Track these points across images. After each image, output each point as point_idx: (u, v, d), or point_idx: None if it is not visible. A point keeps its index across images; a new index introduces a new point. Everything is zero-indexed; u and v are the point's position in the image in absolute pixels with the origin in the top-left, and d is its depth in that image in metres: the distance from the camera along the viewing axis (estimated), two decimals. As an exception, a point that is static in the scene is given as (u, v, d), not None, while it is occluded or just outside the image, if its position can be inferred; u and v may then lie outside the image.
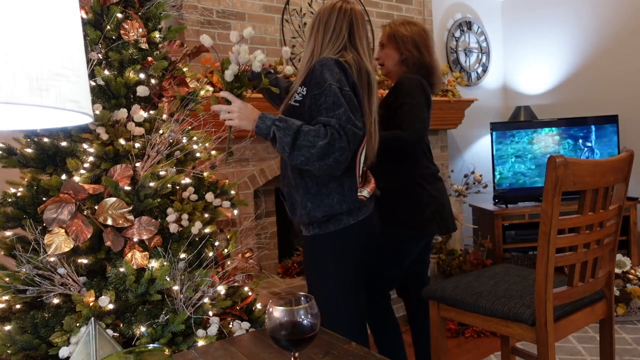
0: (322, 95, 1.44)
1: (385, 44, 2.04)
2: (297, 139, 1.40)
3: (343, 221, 1.55)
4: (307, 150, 1.39)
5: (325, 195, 1.53)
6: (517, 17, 4.35)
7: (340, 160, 1.42)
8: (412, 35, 1.98)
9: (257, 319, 1.65)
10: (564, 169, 1.33)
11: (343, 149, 1.40)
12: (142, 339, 1.36)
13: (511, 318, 1.49)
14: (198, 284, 1.46)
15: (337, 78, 1.45)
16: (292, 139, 1.40)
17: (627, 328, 2.78)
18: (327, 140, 1.38)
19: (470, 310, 1.61)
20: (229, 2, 2.85)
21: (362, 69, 1.56)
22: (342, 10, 1.59)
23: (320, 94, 1.44)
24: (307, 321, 0.83)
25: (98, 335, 1.12)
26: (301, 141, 1.40)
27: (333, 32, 1.58)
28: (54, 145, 1.51)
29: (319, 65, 1.47)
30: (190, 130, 1.70)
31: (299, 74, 1.59)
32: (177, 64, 1.69)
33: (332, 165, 1.41)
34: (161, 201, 1.53)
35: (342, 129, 1.40)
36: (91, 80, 1.49)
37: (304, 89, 1.50)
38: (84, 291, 1.39)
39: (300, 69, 1.61)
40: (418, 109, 1.87)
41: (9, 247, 1.50)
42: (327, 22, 1.59)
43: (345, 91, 1.45)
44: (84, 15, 1.52)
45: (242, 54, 1.48)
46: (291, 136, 1.40)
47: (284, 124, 1.43)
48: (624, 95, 3.72)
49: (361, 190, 1.57)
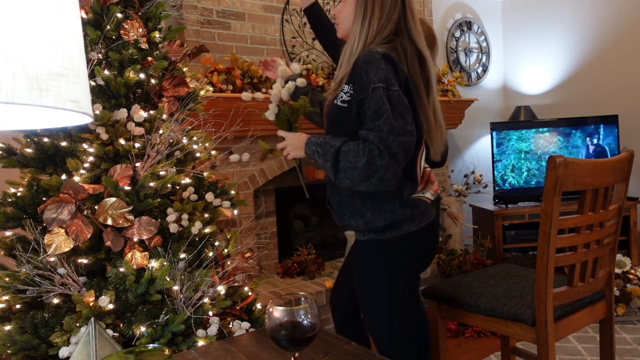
0: (366, 101, 1.27)
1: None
2: (338, 162, 1.29)
3: (403, 227, 1.40)
4: (350, 172, 1.28)
5: (384, 201, 1.38)
6: (517, 17, 4.35)
7: (386, 177, 1.26)
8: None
9: (257, 319, 1.65)
10: (564, 169, 1.33)
11: (386, 167, 1.24)
12: (142, 339, 1.36)
13: (511, 318, 1.49)
14: (198, 284, 1.46)
15: (383, 77, 1.25)
16: (332, 164, 1.30)
17: (627, 328, 2.77)
18: (365, 159, 1.24)
19: (471, 310, 1.61)
20: (229, 2, 2.85)
21: (418, 56, 1.36)
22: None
23: (365, 99, 1.27)
24: (307, 321, 0.83)
25: (98, 335, 1.12)
26: (343, 163, 1.28)
27: (388, 13, 1.35)
28: (54, 145, 1.51)
29: (363, 63, 1.28)
30: (190, 130, 1.70)
31: (342, 66, 1.39)
32: (177, 64, 1.69)
33: (378, 184, 1.27)
34: (161, 201, 1.53)
35: (382, 144, 1.23)
36: (91, 80, 1.49)
37: (350, 89, 1.33)
38: (84, 291, 1.39)
39: (343, 58, 1.39)
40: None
41: (9, 247, 1.50)
42: (383, 1, 1.35)
43: (393, 91, 1.26)
44: (84, 15, 1.52)
45: (274, 91, 1.43)
46: (330, 161, 1.30)
47: (323, 149, 1.33)
48: (624, 95, 3.72)
49: (423, 191, 1.43)
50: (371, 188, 1.29)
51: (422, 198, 1.42)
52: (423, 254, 1.49)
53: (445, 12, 4.11)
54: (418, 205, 1.41)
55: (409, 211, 1.39)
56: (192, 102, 1.67)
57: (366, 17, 1.35)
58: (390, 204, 1.38)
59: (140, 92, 1.60)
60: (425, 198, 1.43)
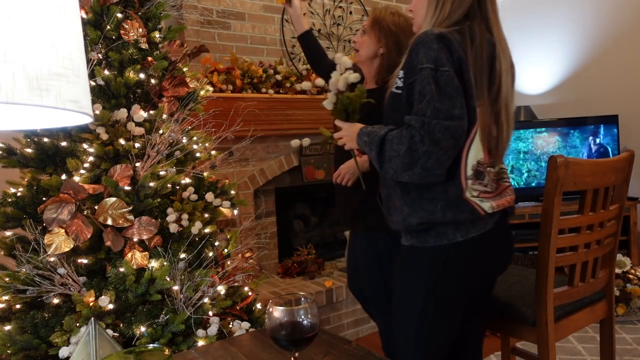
0: (415, 84, 1.16)
1: (367, 31, 1.79)
2: (382, 151, 1.19)
3: (447, 235, 1.21)
4: (393, 161, 1.17)
5: (427, 200, 1.22)
6: (517, 17, 4.35)
7: (429, 166, 1.12)
8: (397, 31, 1.75)
9: (257, 319, 1.65)
10: (564, 169, 1.33)
11: (428, 154, 1.11)
12: (142, 339, 1.36)
13: (512, 318, 1.49)
14: (198, 284, 1.46)
15: (433, 57, 1.14)
16: (377, 153, 1.20)
17: (627, 328, 2.77)
18: (406, 145, 1.13)
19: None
20: (229, 2, 2.85)
21: (485, 39, 1.23)
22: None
23: (414, 82, 1.16)
24: (307, 321, 0.83)
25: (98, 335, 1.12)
26: (387, 152, 1.18)
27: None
28: (54, 145, 1.51)
29: (416, 44, 1.18)
30: (190, 130, 1.70)
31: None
32: (177, 64, 1.69)
33: (421, 174, 1.14)
34: (161, 201, 1.53)
35: (422, 129, 1.11)
36: (91, 80, 1.49)
37: (403, 73, 1.23)
38: (84, 291, 1.39)
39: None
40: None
41: (9, 247, 1.50)
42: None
43: (442, 72, 1.14)
44: (84, 15, 1.52)
45: (333, 79, 1.38)
46: (375, 150, 1.20)
47: (369, 138, 1.24)
48: (624, 95, 3.72)
49: (482, 200, 1.22)
50: (414, 179, 1.17)
51: (474, 205, 1.21)
52: (473, 273, 1.27)
53: (445, 12, 4.10)
54: (463, 210, 1.20)
55: (451, 215, 1.20)
56: (192, 102, 1.67)
57: (439, 3, 1.26)
58: (433, 204, 1.21)
59: (140, 92, 1.60)
60: (478, 206, 1.21)
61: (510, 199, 1.30)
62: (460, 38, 1.19)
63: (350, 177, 1.79)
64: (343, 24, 3.42)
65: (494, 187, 1.27)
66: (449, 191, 1.20)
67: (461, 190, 1.20)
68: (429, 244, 1.24)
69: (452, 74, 1.14)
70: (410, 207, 1.24)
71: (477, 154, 1.21)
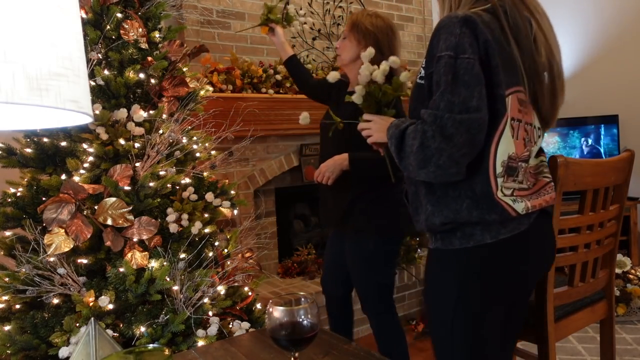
0: (434, 74, 1.07)
1: (347, 36, 1.85)
2: (402, 146, 1.10)
3: (475, 237, 1.09)
4: (409, 158, 1.08)
5: (452, 198, 1.11)
6: (517, 17, 4.34)
7: (442, 164, 1.03)
8: (375, 31, 1.79)
9: (257, 319, 1.65)
10: (564, 169, 1.33)
11: (440, 150, 1.02)
12: (142, 339, 1.36)
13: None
14: (198, 284, 1.46)
15: (454, 43, 1.04)
16: (396, 147, 1.12)
17: (628, 328, 2.77)
18: (418, 142, 1.05)
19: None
20: (229, 2, 2.85)
21: (518, 16, 1.12)
22: None
23: (434, 72, 1.07)
24: (307, 321, 0.83)
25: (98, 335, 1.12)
26: (406, 147, 1.09)
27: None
28: (53, 145, 1.51)
29: (437, 30, 1.09)
30: (190, 130, 1.69)
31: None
32: (177, 64, 1.69)
33: (436, 172, 1.04)
34: (161, 201, 1.53)
35: (434, 123, 1.02)
36: (91, 80, 1.49)
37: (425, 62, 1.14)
38: (84, 291, 1.39)
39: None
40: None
41: (8, 247, 1.50)
42: None
43: (462, 59, 1.03)
44: (84, 15, 1.52)
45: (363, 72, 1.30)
46: (395, 144, 1.12)
47: (391, 132, 1.14)
48: (624, 95, 3.72)
49: (515, 199, 1.09)
50: (430, 177, 1.07)
51: (505, 205, 1.07)
52: (506, 278, 1.12)
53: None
54: (492, 210, 1.07)
55: (478, 214, 1.08)
56: (192, 102, 1.67)
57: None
58: (458, 202, 1.10)
59: (140, 92, 1.60)
60: (509, 207, 1.07)
61: (550, 198, 1.17)
62: (489, 18, 1.07)
63: (331, 175, 1.79)
64: (343, 24, 3.42)
65: (532, 184, 1.14)
66: (476, 189, 1.08)
67: (490, 188, 1.07)
68: (453, 246, 1.11)
69: (473, 61, 1.03)
70: (435, 205, 1.13)
71: (507, 147, 1.08)
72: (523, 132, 1.11)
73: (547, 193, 1.17)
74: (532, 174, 1.16)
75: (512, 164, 1.09)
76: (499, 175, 1.08)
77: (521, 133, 1.11)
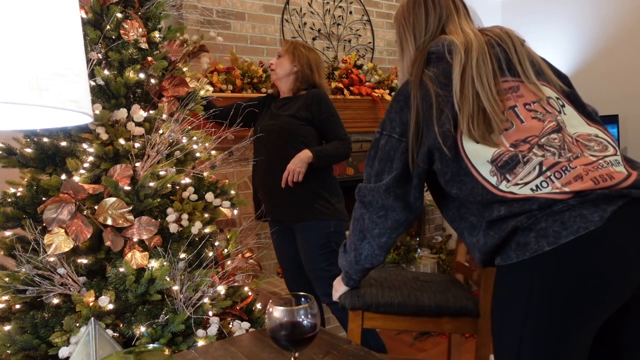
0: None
1: (282, 55, 2.23)
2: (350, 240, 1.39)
3: (529, 246, 0.93)
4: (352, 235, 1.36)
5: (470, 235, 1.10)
6: (517, 17, 4.35)
7: (366, 228, 1.26)
8: (308, 55, 2.22)
9: (257, 319, 1.65)
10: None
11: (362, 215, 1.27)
12: (142, 339, 1.36)
13: (455, 313, 1.50)
14: (198, 284, 1.46)
15: (382, 121, 1.25)
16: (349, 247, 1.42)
17: (627, 328, 2.77)
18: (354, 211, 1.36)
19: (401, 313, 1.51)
20: (229, 2, 2.85)
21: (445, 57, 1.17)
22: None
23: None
24: (307, 321, 0.83)
25: (98, 335, 1.12)
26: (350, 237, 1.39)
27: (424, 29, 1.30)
28: (53, 145, 1.51)
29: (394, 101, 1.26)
30: (190, 130, 1.69)
31: None
32: (177, 64, 1.69)
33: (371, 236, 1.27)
34: (161, 201, 1.53)
35: (358, 193, 1.27)
36: (91, 80, 1.49)
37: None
38: (84, 291, 1.39)
39: None
40: (339, 119, 2.19)
41: (8, 247, 1.50)
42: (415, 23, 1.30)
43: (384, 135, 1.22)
44: (84, 15, 1.52)
45: None
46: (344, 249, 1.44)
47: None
48: (624, 95, 3.72)
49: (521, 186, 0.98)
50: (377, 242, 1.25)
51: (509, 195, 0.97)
52: (583, 287, 0.90)
53: (445, 12, 4.10)
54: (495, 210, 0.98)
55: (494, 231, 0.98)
56: (192, 102, 1.67)
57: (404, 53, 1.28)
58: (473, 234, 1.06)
59: (140, 92, 1.60)
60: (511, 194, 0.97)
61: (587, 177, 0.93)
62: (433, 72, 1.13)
63: (301, 171, 2.04)
64: (343, 24, 3.43)
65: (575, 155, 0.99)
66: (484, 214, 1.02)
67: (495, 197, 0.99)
68: (511, 260, 0.96)
69: (394, 136, 1.16)
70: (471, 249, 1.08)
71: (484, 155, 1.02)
72: (525, 112, 1.07)
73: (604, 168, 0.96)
74: (580, 143, 1.03)
75: (502, 161, 1.00)
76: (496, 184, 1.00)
77: (524, 114, 1.07)
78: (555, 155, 1.00)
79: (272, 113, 2.24)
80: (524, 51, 1.17)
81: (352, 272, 1.35)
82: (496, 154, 1.01)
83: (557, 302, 0.92)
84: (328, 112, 2.14)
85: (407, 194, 1.17)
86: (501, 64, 1.13)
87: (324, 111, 2.13)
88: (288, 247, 2.28)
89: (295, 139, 2.12)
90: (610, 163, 0.99)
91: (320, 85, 2.24)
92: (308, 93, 2.16)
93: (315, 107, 2.12)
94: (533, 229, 0.93)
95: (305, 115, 2.12)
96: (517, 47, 1.16)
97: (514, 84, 1.12)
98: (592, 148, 1.03)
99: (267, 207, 2.22)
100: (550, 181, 0.95)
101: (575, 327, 0.92)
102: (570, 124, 1.08)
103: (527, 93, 1.11)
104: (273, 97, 2.36)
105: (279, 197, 2.14)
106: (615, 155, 1.02)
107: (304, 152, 2.05)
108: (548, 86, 1.15)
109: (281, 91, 2.29)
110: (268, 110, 2.30)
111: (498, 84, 1.11)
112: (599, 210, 0.90)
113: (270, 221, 2.31)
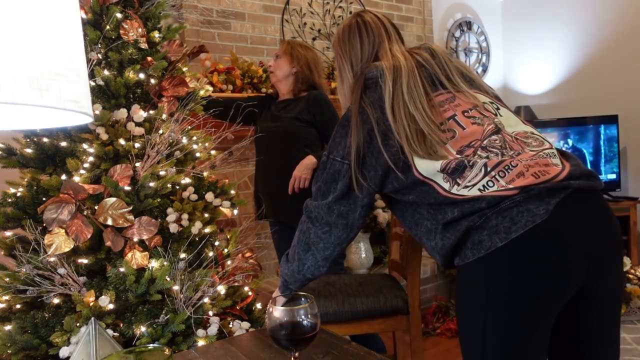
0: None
1: (280, 56, 2.23)
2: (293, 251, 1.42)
3: (483, 243, 0.99)
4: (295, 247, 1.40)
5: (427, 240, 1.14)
6: (517, 17, 4.35)
7: (312, 241, 1.29)
8: (306, 55, 2.20)
9: (257, 319, 1.65)
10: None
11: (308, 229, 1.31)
12: (142, 339, 1.36)
13: (387, 313, 1.56)
14: (198, 284, 1.46)
15: (329, 144, 1.30)
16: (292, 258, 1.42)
17: (627, 328, 2.77)
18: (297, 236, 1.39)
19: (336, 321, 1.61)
20: (229, 2, 2.85)
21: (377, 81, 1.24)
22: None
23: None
24: (307, 321, 0.83)
25: (98, 335, 1.12)
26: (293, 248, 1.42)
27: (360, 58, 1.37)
28: (53, 145, 1.51)
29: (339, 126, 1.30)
30: (190, 130, 1.70)
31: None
32: (176, 64, 1.69)
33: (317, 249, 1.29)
34: (161, 201, 1.53)
35: (305, 209, 1.32)
36: (91, 80, 1.49)
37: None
38: (84, 291, 1.39)
39: None
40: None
41: (9, 247, 1.50)
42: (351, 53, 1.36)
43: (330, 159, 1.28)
44: (84, 15, 1.52)
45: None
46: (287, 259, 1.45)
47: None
48: (624, 95, 3.72)
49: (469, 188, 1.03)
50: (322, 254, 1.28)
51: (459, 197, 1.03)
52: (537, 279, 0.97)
53: (445, 12, 4.11)
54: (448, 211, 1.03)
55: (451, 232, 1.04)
56: (192, 102, 1.67)
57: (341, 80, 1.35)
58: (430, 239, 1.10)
59: (140, 92, 1.60)
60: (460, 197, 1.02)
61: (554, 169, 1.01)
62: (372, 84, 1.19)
63: (307, 178, 2.03)
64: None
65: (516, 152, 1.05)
66: (437, 217, 1.07)
67: (447, 200, 1.04)
68: (468, 259, 1.02)
69: (337, 159, 1.21)
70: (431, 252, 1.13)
71: (434, 168, 1.07)
72: (465, 119, 1.13)
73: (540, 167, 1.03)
74: (520, 141, 1.10)
75: (450, 166, 1.05)
76: (449, 189, 1.04)
77: (464, 121, 1.13)
78: (499, 155, 1.06)
79: (272, 115, 2.24)
80: (451, 65, 1.23)
81: (292, 281, 1.36)
82: (444, 163, 1.06)
83: (515, 291, 0.98)
84: (330, 114, 2.15)
85: (350, 211, 1.22)
86: (433, 79, 1.20)
87: (325, 113, 2.14)
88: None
89: (298, 141, 2.12)
90: (549, 155, 1.07)
91: (320, 85, 2.24)
92: (309, 95, 2.16)
93: (317, 109, 2.13)
94: (485, 227, 0.99)
95: (307, 118, 2.13)
96: (445, 63, 1.23)
97: (449, 95, 1.18)
98: (531, 144, 1.10)
99: (268, 208, 2.22)
100: (495, 180, 1.02)
101: (535, 312, 0.98)
102: (507, 124, 1.15)
103: (463, 102, 1.17)
104: (272, 97, 2.35)
105: (281, 199, 2.14)
106: (551, 148, 1.10)
107: (309, 158, 2.05)
108: (481, 93, 1.22)
109: (281, 93, 2.29)
110: (268, 111, 2.29)
111: (432, 99, 1.16)
112: (543, 204, 0.97)
113: (270, 221, 2.31)
